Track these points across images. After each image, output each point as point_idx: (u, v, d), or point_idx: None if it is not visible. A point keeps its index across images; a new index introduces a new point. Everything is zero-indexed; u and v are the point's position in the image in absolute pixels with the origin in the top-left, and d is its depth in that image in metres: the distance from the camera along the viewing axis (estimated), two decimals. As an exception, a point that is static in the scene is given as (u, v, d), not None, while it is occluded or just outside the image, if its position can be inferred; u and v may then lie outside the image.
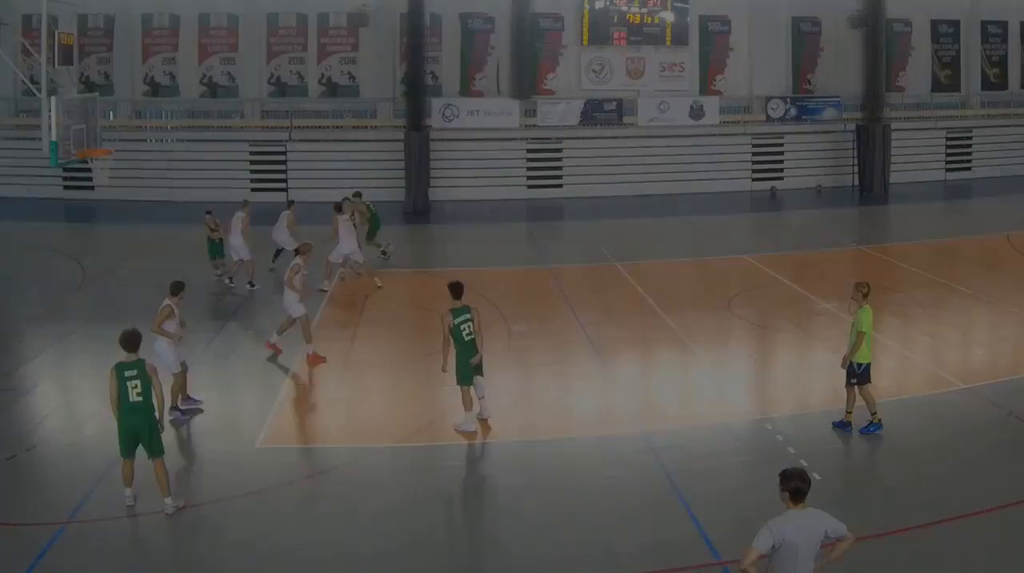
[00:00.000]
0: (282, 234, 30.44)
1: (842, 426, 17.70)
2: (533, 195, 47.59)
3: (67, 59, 30.30)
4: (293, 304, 22.12)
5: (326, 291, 28.43)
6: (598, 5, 48.09)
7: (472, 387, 18.31)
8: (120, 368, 14.81)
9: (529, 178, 48.08)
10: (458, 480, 16.70)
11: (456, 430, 18.19)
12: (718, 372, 21.89)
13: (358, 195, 32.31)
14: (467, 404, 18.22)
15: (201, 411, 19.13)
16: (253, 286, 28.58)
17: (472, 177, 46.80)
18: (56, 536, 14.13)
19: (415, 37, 45.08)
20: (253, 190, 45.85)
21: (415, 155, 44.72)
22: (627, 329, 24.84)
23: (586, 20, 48.04)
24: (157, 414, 14.96)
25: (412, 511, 15.20)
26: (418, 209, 43.95)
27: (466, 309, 18.43)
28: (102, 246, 34.60)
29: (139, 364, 14.86)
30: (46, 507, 15.19)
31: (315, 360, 21.94)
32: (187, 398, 19.16)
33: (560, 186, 48.10)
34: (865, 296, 17.56)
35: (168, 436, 17.19)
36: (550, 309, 25.04)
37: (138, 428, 14.82)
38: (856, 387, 17.61)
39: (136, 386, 14.74)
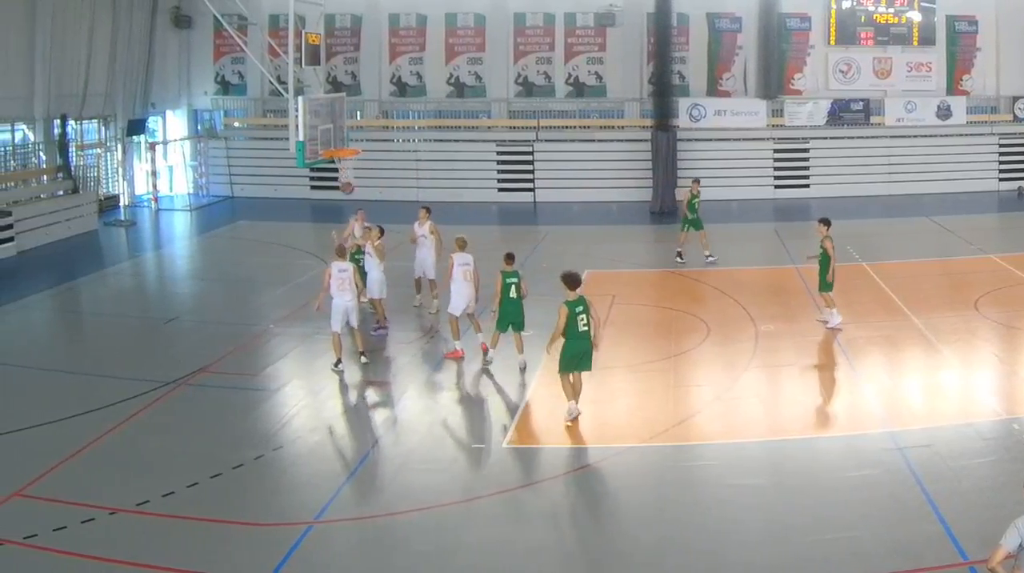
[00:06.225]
0: None
1: None
2: (779, 195, 47.64)
3: (314, 59, 30.57)
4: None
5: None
6: (845, 5, 47.86)
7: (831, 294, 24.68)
8: (571, 305, 18.39)
9: (776, 178, 48.16)
10: (705, 480, 16.76)
11: (827, 326, 24.34)
12: (965, 372, 21.94)
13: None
14: (829, 302, 24.66)
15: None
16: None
17: (719, 177, 46.81)
18: (303, 536, 14.42)
19: (662, 37, 45.68)
20: (500, 190, 47.63)
21: (662, 155, 45.33)
22: (874, 329, 24.98)
23: (833, 20, 47.90)
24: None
25: (659, 511, 15.49)
26: (665, 209, 44.42)
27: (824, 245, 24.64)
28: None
29: (583, 300, 18.59)
30: (293, 507, 15.54)
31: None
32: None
33: (807, 186, 48.01)
34: None
35: (416, 433, 19.03)
36: (797, 309, 25.39)
37: (580, 351, 18.48)
38: None
39: (583, 318, 18.40)
